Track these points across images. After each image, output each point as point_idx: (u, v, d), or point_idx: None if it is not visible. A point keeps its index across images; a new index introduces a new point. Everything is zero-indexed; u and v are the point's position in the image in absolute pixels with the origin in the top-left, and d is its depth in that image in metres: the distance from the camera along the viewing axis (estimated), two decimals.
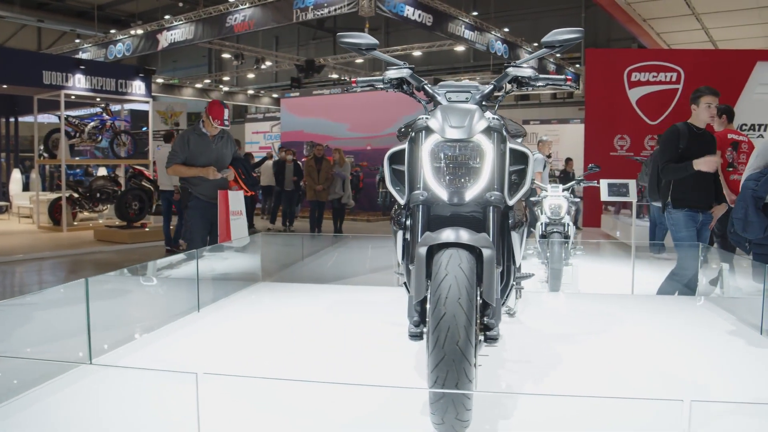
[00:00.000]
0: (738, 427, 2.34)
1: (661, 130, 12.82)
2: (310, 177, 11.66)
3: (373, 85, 2.86)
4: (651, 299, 5.27)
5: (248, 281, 5.00)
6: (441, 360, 1.98)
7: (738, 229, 4.14)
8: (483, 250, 2.18)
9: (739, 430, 2.33)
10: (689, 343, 3.70)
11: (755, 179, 4.07)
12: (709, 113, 4.79)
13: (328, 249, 7.24)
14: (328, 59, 23.96)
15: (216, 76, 30.15)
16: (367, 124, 18.27)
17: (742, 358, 3.39)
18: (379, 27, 29.78)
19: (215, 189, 5.38)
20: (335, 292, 4.85)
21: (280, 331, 3.79)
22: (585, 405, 2.42)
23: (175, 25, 17.79)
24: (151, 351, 3.30)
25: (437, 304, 2.02)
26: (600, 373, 3.12)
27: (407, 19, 16.02)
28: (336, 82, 28.00)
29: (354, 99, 18.74)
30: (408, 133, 3.07)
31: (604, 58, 13.33)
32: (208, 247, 4.72)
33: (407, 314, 2.43)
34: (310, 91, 20.98)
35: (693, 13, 15.08)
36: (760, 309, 3.82)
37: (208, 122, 5.38)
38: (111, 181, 12.95)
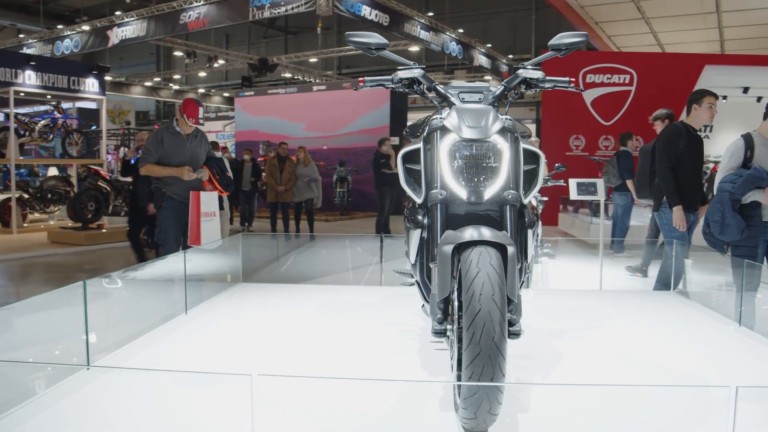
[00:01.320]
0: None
1: (615, 131, 13.17)
2: (271, 177, 11.03)
3: (384, 85, 2.86)
4: (623, 294, 5.42)
5: (229, 282, 4.93)
6: (477, 355, 1.99)
7: (715, 232, 4.12)
8: (508, 247, 2.21)
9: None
10: (676, 335, 3.82)
11: (731, 181, 4.06)
12: (711, 114, 4.80)
13: (304, 249, 7.19)
14: (282, 58, 23.77)
15: (166, 74, 29.56)
16: (324, 123, 18.19)
17: (731, 348, 3.54)
18: (331, 26, 29.73)
19: (190, 189, 5.27)
20: (320, 293, 4.81)
21: (276, 332, 3.75)
22: (615, 393, 2.48)
23: (127, 22, 17.35)
24: (150, 354, 3.23)
25: (471, 300, 2.04)
26: (607, 363, 3.20)
27: (364, 18, 16.01)
28: (288, 81, 27.82)
29: (310, 98, 18.63)
30: (415, 133, 3.09)
31: (559, 59, 13.59)
32: (190, 249, 4.63)
33: (429, 312, 2.43)
34: (265, 90, 20.75)
35: (643, 17, 15.52)
36: (738, 302, 3.98)
37: (182, 121, 5.27)
38: (63, 181, 12.56)
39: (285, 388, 2.57)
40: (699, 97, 4.82)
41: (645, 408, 2.53)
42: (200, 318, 3.94)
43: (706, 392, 2.56)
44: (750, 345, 3.59)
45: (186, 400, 2.56)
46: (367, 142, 17.94)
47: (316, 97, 18.54)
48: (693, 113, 4.85)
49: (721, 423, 2.25)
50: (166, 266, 4.23)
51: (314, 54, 23.66)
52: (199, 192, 5.26)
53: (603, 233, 7.44)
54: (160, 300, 4.05)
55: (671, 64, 13.19)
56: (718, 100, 4.85)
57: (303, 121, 18.38)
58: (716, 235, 4.16)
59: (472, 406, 2.04)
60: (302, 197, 11.16)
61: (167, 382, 2.74)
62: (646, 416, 2.45)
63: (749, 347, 3.55)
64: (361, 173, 17.72)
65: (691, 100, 4.88)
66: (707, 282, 4.82)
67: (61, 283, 7.29)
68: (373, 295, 4.75)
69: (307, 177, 11.10)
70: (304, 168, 11.23)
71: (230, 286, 4.85)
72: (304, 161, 11.30)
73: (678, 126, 4.83)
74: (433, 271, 2.40)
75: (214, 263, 5.09)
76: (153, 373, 2.76)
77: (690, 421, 2.42)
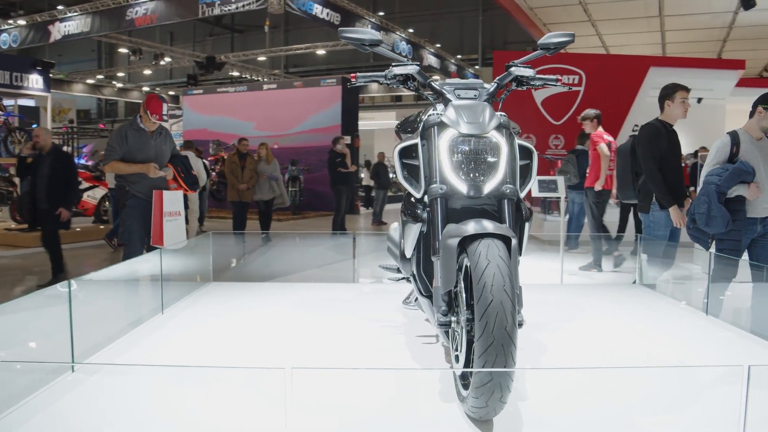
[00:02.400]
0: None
1: (565, 130, 13.51)
2: (232, 175, 10.41)
3: (378, 81, 2.85)
4: (588, 288, 5.58)
5: (200, 282, 4.85)
6: (490, 345, 2.02)
7: (701, 224, 4.13)
8: (512, 239, 2.26)
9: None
10: (649, 324, 3.96)
11: (718, 174, 4.09)
12: (684, 108, 4.66)
13: (271, 247, 7.12)
14: (230, 56, 23.45)
15: (108, 71, 28.78)
16: (274, 122, 18.04)
17: (703, 335, 3.71)
18: (278, 25, 29.50)
19: (154, 187, 5.15)
20: (294, 290, 4.78)
21: (259, 329, 3.71)
22: (624, 375, 2.55)
23: (70, 17, 16.82)
24: (137, 354, 3.16)
25: (483, 291, 2.06)
26: (592, 350, 3.30)
27: (315, 17, 15.94)
28: (234, 80, 27.45)
29: (260, 97, 18.45)
30: (406, 128, 3.11)
31: (511, 59, 13.82)
32: (164, 249, 4.53)
33: (425, 306, 2.45)
34: (214, 89, 20.43)
35: (590, 19, 15.93)
36: (705, 293, 4.14)
37: (145, 117, 5.15)
38: (5, 181, 12.11)
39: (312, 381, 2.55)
40: (671, 92, 4.67)
41: (648, 389, 2.61)
42: (178, 317, 3.87)
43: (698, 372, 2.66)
44: (717, 331, 3.75)
45: (185, 396, 2.52)
46: (319, 141, 17.87)
47: (266, 96, 18.37)
48: (666, 109, 4.70)
49: (716, 402, 2.36)
50: (138, 266, 4.13)
51: (263, 52, 23.42)
52: (162, 191, 5.14)
53: (548, 229, 7.63)
54: (136, 301, 3.95)
55: (618, 65, 13.59)
56: (689, 93, 4.72)
57: (253, 120, 18.19)
58: (701, 227, 4.17)
59: (484, 395, 2.07)
60: (265, 196, 10.72)
61: (165, 380, 2.69)
62: (645, 397, 2.53)
63: (718, 333, 3.70)
64: (313, 172, 17.65)
65: (663, 96, 4.72)
66: (674, 275, 4.98)
67: (11, 287, 7.03)
68: (347, 291, 4.74)
69: (266, 174, 10.59)
70: (267, 165, 10.75)
71: (201, 286, 4.78)
72: (266, 158, 10.82)
73: (656, 125, 4.68)
74: (436, 265, 2.42)
75: (184, 263, 4.99)
76: (156, 369, 2.70)
77: (703, 400, 2.51)
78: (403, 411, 2.44)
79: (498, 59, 13.91)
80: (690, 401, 2.52)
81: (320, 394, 2.52)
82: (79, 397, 2.56)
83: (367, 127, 24.57)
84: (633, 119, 13.52)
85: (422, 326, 3.65)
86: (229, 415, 2.35)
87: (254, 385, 2.62)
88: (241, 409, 2.39)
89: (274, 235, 10.10)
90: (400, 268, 3.36)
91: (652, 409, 2.45)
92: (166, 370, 2.74)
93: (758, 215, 4.15)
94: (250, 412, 2.36)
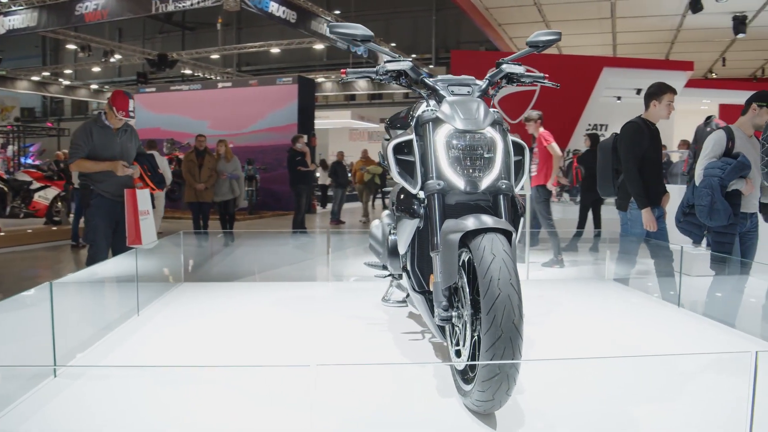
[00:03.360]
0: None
1: (521, 129, 13.72)
2: (189, 174, 9.66)
3: (370, 77, 2.83)
4: (556, 283, 5.67)
5: (172, 283, 4.75)
6: (498, 338, 2.03)
7: (702, 217, 4.10)
8: (513, 233, 2.27)
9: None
10: (625, 317, 4.05)
11: (720, 167, 4.07)
12: (669, 110, 4.64)
13: (237, 247, 7.01)
14: (182, 54, 23.04)
15: (55, 68, 27.92)
16: (230, 121, 17.80)
17: (680, 326, 3.82)
18: (230, 23, 29.15)
19: (121, 186, 5.02)
20: (269, 289, 4.72)
21: (243, 329, 3.63)
22: (628, 365, 2.59)
23: (15, 11, 16.26)
24: (120, 356, 3.06)
25: (490, 285, 2.07)
26: (578, 343, 3.33)
27: (272, 15, 15.80)
28: (186, 78, 26.98)
29: (215, 95, 18.18)
30: (396, 124, 3.10)
31: (469, 59, 13.97)
32: (131, 249, 4.41)
33: (417, 302, 2.45)
34: (168, 87, 20.04)
35: (544, 20, 16.18)
36: (677, 286, 4.26)
37: (111, 114, 5.01)
38: None
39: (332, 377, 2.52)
40: (659, 93, 4.62)
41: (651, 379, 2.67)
42: (156, 319, 3.77)
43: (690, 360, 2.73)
44: (691, 322, 3.87)
45: (181, 398, 2.46)
46: (275, 140, 17.73)
47: (221, 95, 18.11)
48: (652, 109, 4.65)
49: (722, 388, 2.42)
50: (111, 267, 4.02)
51: (216, 50, 23.09)
52: (135, 189, 5.01)
53: (528, 225, 7.73)
54: (110, 303, 3.84)
55: (572, 65, 13.84)
56: (675, 96, 4.69)
57: (208, 118, 17.91)
58: (702, 220, 4.13)
59: (491, 388, 2.08)
60: (224, 197, 10.13)
61: (152, 381, 2.61)
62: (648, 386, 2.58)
63: (693, 324, 3.81)
64: (269, 171, 17.49)
65: (651, 95, 4.67)
66: (643, 270, 5.09)
67: None
68: (323, 290, 4.71)
69: (225, 173, 10.02)
70: (227, 164, 10.16)
71: (174, 287, 4.67)
72: (226, 156, 10.22)
73: (639, 124, 4.64)
74: (435, 260, 2.42)
75: (155, 263, 4.88)
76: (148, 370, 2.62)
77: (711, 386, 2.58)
78: (406, 406, 2.43)
79: (456, 59, 14.01)
80: (695, 389, 2.59)
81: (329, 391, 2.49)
82: (66, 403, 2.46)
83: (321, 126, 24.42)
84: (587, 118, 13.82)
85: (406, 323, 3.66)
86: (250, 415, 2.30)
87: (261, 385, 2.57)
88: (259, 409, 2.35)
89: (242, 235, 9.85)
90: (387, 265, 3.35)
91: (653, 397, 2.50)
92: (155, 371, 2.67)
93: (748, 210, 4.25)
94: (264, 412, 2.32)
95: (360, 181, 15.44)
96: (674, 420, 2.32)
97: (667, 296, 4.42)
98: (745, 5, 14.37)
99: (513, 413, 2.30)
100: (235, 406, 2.38)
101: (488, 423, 2.23)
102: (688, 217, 4.31)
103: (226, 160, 10.22)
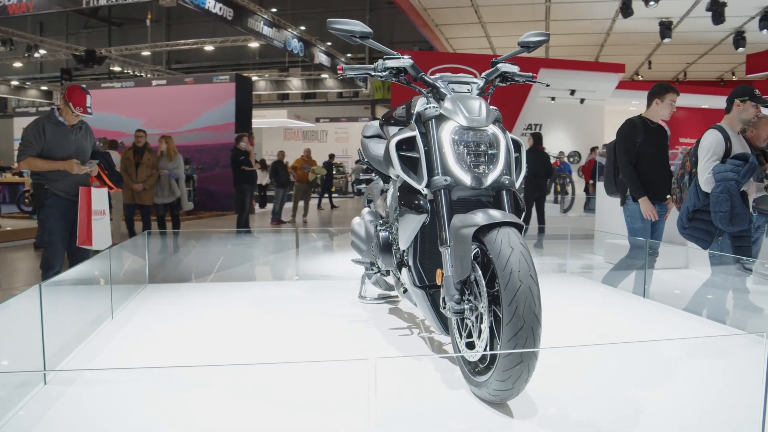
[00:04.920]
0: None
1: None
2: (125, 173, 8.82)
3: (369, 73, 2.84)
4: None
5: (138, 284, 4.62)
6: (521, 328, 2.09)
7: (722, 224, 4.02)
8: (524, 227, 2.34)
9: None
10: (593, 308, 4.19)
11: (732, 170, 3.97)
12: (670, 110, 4.66)
13: (201, 247, 6.83)
14: (111, 50, 22.29)
15: None
16: (164, 120, 17.37)
17: (650, 314, 3.99)
18: (160, 19, 28.42)
19: (77, 185, 4.84)
20: (241, 289, 4.64)
21: (226, 329, 3.55)
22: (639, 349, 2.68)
23: None
24: (106, 361, 2.96)
25: (511, 278, 2.12)
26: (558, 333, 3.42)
27: (209, 11, 15.46)
28: (113, 75, 26.11)
29: (149, 93, 17.72)
30: (390, 121, 3.11)
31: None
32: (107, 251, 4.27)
33: (410, 298, 2.47)
34: (98, 84, 19.35)
35: (480, 21, 16.51)
36: (643, 279, 4.44)
37: (66, 110, 4.83)
38: None
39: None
40: (662, 92, 4.64)
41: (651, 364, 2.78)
42: (133, 322, 3.65)
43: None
44: (657, 310, 4.06)
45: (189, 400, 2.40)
46: (212, 140, 17.43)
47: (155, 92, 17.68)
48: (654, 108, 4.68)
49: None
50: (84, 269, 3.86)
51: (147, 47, 22.45)
52: (90, 188, 4.84)
53: None
54: (83, 306, 3.69)
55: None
56: (678, 96, 4.71)
57: (141, 117, 17.41)
58: (722, 226, 4.06)
59: (512, 377, 2.13)
60: (165, 199, 9.32)
61: (153, 385, 2.54)
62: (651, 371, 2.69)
63: (661, 313, 4.00)
64: (206, 171, 17.17)
65: (654, 93, 4.69)
66: (606, 265, 5.28)
67: None
68: (295, 288, 4.66)
69: (165, 170, 9.22)
70: (169, 162, 9.35)
71: (140, 289, 4.54)
72: (168, 153, 9.36)
73: (634, 121, 4.69)
74: (445, 254, 2.45)
75: (119, 264, 4.71)
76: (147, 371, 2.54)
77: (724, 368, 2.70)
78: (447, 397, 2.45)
79: None
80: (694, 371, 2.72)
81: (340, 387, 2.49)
82: (66, 409, 2.36)
83: (256, 125, 24.13)
84: (525, 119, 14.15)
85: (389, 319, 3.68)
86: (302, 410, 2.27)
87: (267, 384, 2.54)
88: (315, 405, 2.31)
89: (199, 236, 9.44)
90: (377, 261, 3.37)
91: (653, 380, 2.61)
92: (159, 373, 2.60)
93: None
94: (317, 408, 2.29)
95: (303, 181, 15.34)
96: (678, 400, 2.43)
97: (635, 288, 4.59)
98: (671, 11, 15.07)
99: (523, 401, 2.36)
100: (270, 405, 2.34)
101: (504, 411, 2.28)
102: (693, 222, 4.25)
103: (168, 158, 9.47)
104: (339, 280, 4.98)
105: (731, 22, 15.20)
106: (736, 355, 3.02)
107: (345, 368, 2.58)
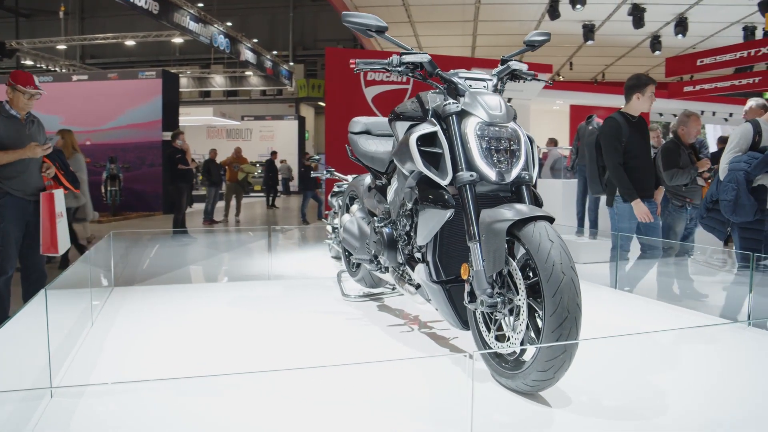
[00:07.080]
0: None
1: None
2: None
3: (385, 68, 2.84)
4: None
5: (106, 287, 4.42)
6: (565, 319, 2.15)
7: (726, 213, 4.00)
8: (554, 220, 2.40)
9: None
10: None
11: (746, 162, 3.98)
12: (651, 101, 4.59)
13: (155, 249, 6.56)
14: (23, 43, 21.14)
15: None
16: (86, 117, 16.68)
17: (622, 304, 4.17)
18: (74, 12, 27.21)
19: (34, 183, 4.57)
20: (219, 290, 4.55)
21: (217, 332, 3.45)
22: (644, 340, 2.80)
23: None
24: (105, 371, 2.82)
25: (553, 270, 2.18)
26: None
27: (134, 5, 14.92)
28: (25, 70, 24.74)
29: (69, 89, 16.94)
30: (399, 117, 3.12)
31: (343, 57, 14.07)
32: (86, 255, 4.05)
33: (424, 294, 2.53)
34: None
35: (410, 20, 16.66)
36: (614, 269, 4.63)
37: (17, 97, 4.57)
38: None
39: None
40: (642, 85, 4.55)
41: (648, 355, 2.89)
42: (117, 327, 3.49)
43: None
44: (626, 299, 4.25)
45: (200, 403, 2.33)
46: (137, 137, 16.87)
47: (76, 88, 16.93)
48: (634, 102, 4.58)
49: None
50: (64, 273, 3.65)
51: (65, 40, 21.42)
52: (53, 192, 4.58)
53: None
54: (63, 313, 3.49)
55: (443, 65, 14.15)
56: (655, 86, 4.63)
57: (60, 113, 16.62)
58: (727, 216, 4.05)
59: (554, 367, 2.19)
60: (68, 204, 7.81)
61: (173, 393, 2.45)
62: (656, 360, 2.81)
63: (633, 301, 4.19)
64: (132, 170, 16.59)
65: (633, 87, 4.59)
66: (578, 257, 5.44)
67: None
68: (272, 288, 4.58)
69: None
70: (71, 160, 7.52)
71: (108, 292, 4.35)
72: (65, 149, 7.50)
73: (616, 119, 4.59)
74: (474, 249, 2.48)
75: (85, 268, 4.49)
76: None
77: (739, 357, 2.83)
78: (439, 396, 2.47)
79: (330, 56, 14.06)
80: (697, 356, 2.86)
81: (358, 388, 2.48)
82: (80, 426, 2.24)
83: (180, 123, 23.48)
84: None
85: (382, 317, 3.67)
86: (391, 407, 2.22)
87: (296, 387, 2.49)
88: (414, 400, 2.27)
89: (161, 235, 9.07)
90: (374, 258, 3.36)
91: (671, 368, 2.73)
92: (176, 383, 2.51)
93: None
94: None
95: (234, 180, 15.07)
96: (699, 385, 2.56)
97: (599, 280, 4.77)
98: (594, 15, 15.69)
99: (555, 391, 2.42)
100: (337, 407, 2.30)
101: (540, 401, 2.33)
102: (711, 213, 4.27)
103: (66, 157, 7.67)
104: (311, 279, 4.94)
105: (649, 27, 16.00)
106: (723, 340, 3.20)
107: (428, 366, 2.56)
